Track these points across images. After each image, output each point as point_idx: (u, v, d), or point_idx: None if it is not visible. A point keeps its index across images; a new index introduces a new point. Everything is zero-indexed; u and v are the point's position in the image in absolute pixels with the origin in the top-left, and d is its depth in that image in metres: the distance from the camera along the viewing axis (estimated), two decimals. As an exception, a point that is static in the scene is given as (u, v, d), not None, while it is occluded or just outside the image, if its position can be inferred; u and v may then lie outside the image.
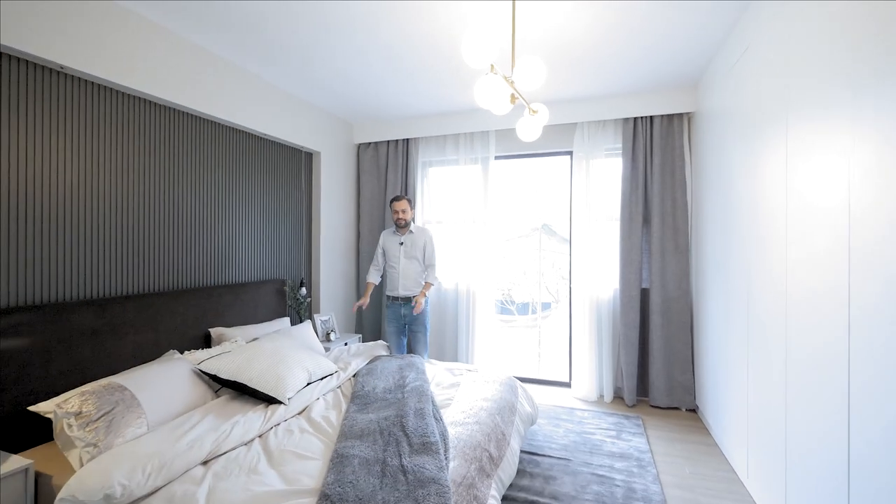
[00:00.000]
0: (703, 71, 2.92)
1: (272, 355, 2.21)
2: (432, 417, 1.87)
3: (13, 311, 1.75)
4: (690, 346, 3.23)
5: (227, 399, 2.04)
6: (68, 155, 2.00)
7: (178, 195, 2.54)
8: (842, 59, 1.35)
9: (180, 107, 2.48)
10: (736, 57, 2.30)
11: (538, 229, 6.09)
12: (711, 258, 2.77)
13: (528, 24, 2.29)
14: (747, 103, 2.16)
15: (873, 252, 1.20)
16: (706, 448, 2.66)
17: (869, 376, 1.22)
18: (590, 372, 3.48)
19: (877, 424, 1.19)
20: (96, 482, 1.33)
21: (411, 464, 1.50)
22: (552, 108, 3.55)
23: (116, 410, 1.66)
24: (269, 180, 3.27)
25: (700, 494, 2.17)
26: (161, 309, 2.33)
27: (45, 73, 1.91)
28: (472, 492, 1.50)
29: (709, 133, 2.84)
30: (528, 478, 2.29)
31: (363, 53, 2.66)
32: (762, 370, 1.96)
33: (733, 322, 2.37)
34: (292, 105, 3.34)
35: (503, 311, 6.80)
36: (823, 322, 1.46)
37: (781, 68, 1.78)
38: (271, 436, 1.80)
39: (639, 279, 3.37)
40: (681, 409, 3.26)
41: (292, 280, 3.46)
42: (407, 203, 3.23)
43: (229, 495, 1.35)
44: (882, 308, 1.17)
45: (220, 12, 2.18)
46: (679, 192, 3.28)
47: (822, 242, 1.48)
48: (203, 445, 1.58)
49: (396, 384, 2.28)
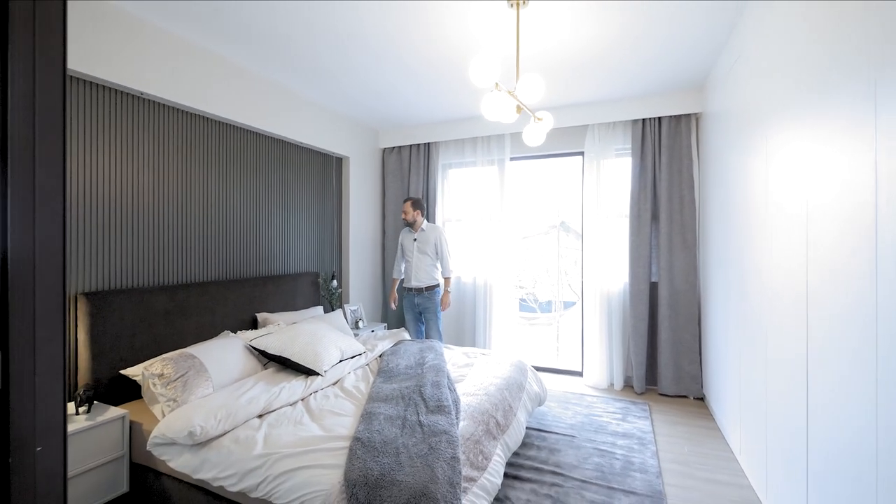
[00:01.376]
0: (708, 73, 3.07)
1: (311, 336, 2.56)
2: (447, 388, 2.17)
3: (106, 293, 2.16)
4: (698, 337, 3.39)
5: (273, 371, 2.40)
6: (142, 167, 2.41)
7: (229, 199, 2.94)
8: (810, 62, 1.54)
9: (230, 121, 2.87)
10: (733, 59, 2.46)
11: (556, 227, 6.27)
12: (714, 253, 2.94)
13: (537, 38, 2.53)
14: (739, 105, 2.33)
15: (828, 249, 1.40)
16: (707, 431, 2.83)
17: (822, 373, 1.43)
18: (601, 361, 3.69)
19: (830, 418, 1.40)
20: (181, 424, 1.69)
21: (427, 420, 1.79)
22: (564, 112, 3.78)
23: (189, 374, 2.04)
24: (305, 184, 3.65)
25: (695, 469, 2.36)
26: (216, 295, 2.72)
27: (127, 98, 2.32)
28: (478, 447, 1.79)
29: (713, 133, 3.00)
30: (535, 449, 2.55)
31: (386, 72, 2.98)
32: (750, 357, 2.15)
33: (730, 314, 2.54)
34: (324, 116, 3.70)
35: (525, 309, 7.00)
36: (789, 316, 1.66)
37: (765, 71, 1.96)
38: (311, 399, 2.14)
39: (648, 273, 3.55)
40: (689, 397, 3.42)
41: (325, 273, 3.84)
42: (409, 205, 3.58)
43: (281, 438, 1.69)
44: (830, 303, 1.38)
45: (272, 44, 2.54)
46: (686, 189, 3.43)
47: (787, 241, 1.67)
48: (258, 402, 1.93)
49: (417, 362, 2.59)
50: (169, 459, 1.73)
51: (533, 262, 6.87)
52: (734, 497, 2.09)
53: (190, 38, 2.51)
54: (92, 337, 2.07)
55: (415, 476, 1.42)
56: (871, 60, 1.14)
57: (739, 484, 2.19)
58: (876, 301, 1.11)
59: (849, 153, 1.25)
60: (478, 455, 1.75)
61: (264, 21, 2.33)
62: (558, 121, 3.79)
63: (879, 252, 1.10)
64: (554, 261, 6.66)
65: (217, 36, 2.49)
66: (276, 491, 1.48)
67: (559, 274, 6.59)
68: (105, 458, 1.85)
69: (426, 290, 3.58)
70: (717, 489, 2.15)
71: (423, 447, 1.59)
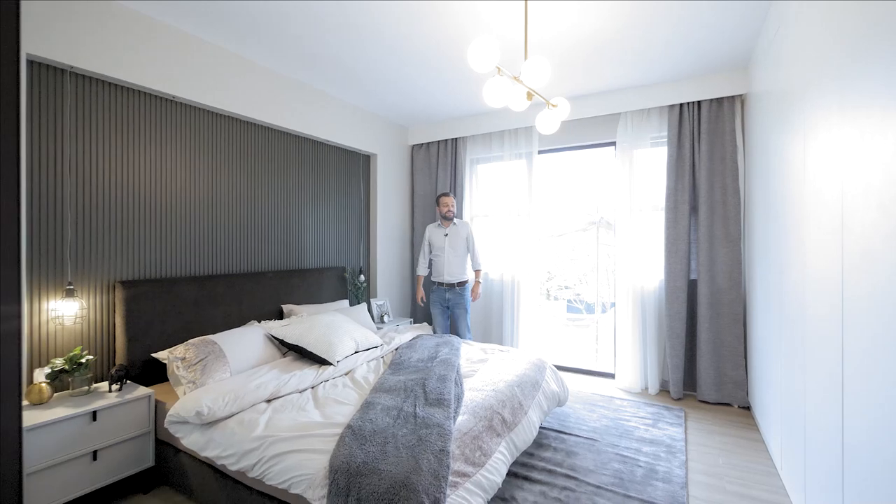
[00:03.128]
0: (752, 49, 2.79)
1: (327, 326, 2.63)
2: (452, 383, 2.13)
3: (139, 283, 2.34)
4: (743, 339, 3.09)
5: (290, 360, 2.49)
6: (175, 165, 2.59)
7: (256, 196, 3.09)
8: (847, 30, 1.35)
9: (260, 122, 3.01)
10: (774, 30, 2.21)
11: (595, 223, 5.99)
12: (757, 247, 2.66)
13: (552, 22, 2.43)
14: (781, 81, 2.09)
15: (867, 239, 1.21)
16: (749, 443, 2.57)
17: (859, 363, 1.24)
18: (633, 363, 3.47)
19: (854, 395, 1.21)
20: (191, 405, 1.80)
21: (423, 412, 1.77)
22: (593, 100, 3.60)
23: (209, 359, 2.16)
24: (332, 180, 3.76)
25: (727, 482, 2.15)
26: (244, 287, 2.87)
27: (160, 102, 2.50)
28: (476, 442, 1.73)
29: (757, 116, 2.72)
30: (550, 451, 2.44)
31: (409, 68, 2.99)
32: (789, 359, 1.92)
33: (771, 312, 2.29)
34: (352, 114, 3.79)
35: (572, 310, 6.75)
36: (824, 322, 1.45)
37: (802, 41, 1.74)
38: (320, 388, 2.19)
39: (686, 270, 3.29)
40: (732, 405, 3.13)
41: (352, 267, 3.93)
42: (451, 198, 3.63)
43: (282, 422, 1.74)
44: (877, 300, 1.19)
45: (298, 45, 2.64)
46: (730, 178, 3.14)
47: (819, 230, 1.47)
48: (267, 388, 2.01)
49: (429, 356, 2.57)
50: (182, 437, 1.84)
51: (576, 262, 6.61)
52: (769, 515, 1.88)
53: (225, 46, 2.66)
54: (127, 322, 2.25)
55: (398, 466, 1.40)
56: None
57: (777, 502, 1.96)
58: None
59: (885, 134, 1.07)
60: (475, 451, 1.70)
61: (287, 22, 2.42)
62: (588, 110, 3.61)
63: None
64: (594, 259, 6.38)
65: (247, 41, 2.62)
66: (269, 472, 1.53)
67: (597, 272, 6.30)
68: (133, 433, 2.01)
69: (458, 285, 3.58)
70: None
71: (412, 438, 1.57)
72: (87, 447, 1.85)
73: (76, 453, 1.81)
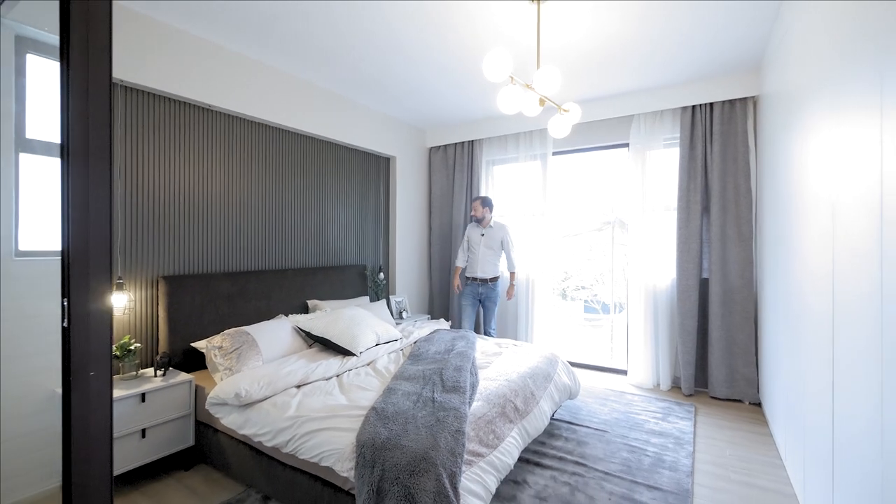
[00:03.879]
0: (764, 51, 2.84)
1: (350, 320, 2.80)
2: (468, 373, 2.26)
3: (181, 277, 2.54)
4: (754, 337, 3.13)
5: (316, 350, 2.66)
6: (211, 170, 2.79)
7: (285, 196, 3.28)
8: (837, 38, 1.43)
9: (287, 127, 3.21)
10: (783, 32, 2.27)
11: (611, 223, 6.03)
12: (767, 247, 2.72)
13: (563, 30, 2.54)
14: (787, 84, 2.16)
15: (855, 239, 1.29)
16: (757, 437, 2.62)
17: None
18: (646, 360, 3.54)
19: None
20: (230, 388, 1.98)
21: (441, 397, 1.91)
22: (606, 103, 3.68)
23: (243, 348, 2.34)
24: (354, 182, 3.93)
25: (732, 472, 2.23)
26: (273, 283, 3.06)
27: (198, 111, 2.71)
28: (490, 426, 1.86)
29: (768, 117, 2.77)
30: (562, 440, 2.55)
31: (428, 75, 3.14)
32: (794, 357, 1.99)
33: (779, 312, 2.35)
34: (373, 118, 3.96)
35: (589, 311, 6.81)
36: (816, 309, 1.54)
37: (805, 47, 1.81)
38: (345, 376, 2.35)
39: (698, 268, 3.35)
40: (743, 401, 3.18)
41: (372, 265, 4.10)
42: (479, 203, 3.80)
43: (311, 405, 1.91)
44: (855, 299, 1.28)
45: (327, 59, 2.82)
46: (742, 178, 3.19)
47: (817, 231, 1.55)
48: (296, 375, 2.18)
49: (446, 349, 2.71)
50: (221, 417, 2.02)
51: (592, 262, 6.65)
52: (771, 500, 1.95)
53: (253, 56, 2.86)
54: (169, 314, 2.46)
55: (418, 443, 1.55)
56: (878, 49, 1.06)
57: (781, 492, 2.04)
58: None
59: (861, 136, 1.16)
60: (489, 434, 1.83)
61: (320, 37, 2.59)
62: (601, 112, 3.70)
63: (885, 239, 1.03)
64: (609, 259, 6.41)
65: (274, 51, 2.81)
66: (302, 447, 1.69)
67: (612, 272, 6.33)
68: (176, 414, 2.20)
69: (490, 280, 3.79)
70: (752, 493, 2.02)
71: (430, 419, 1.71)
72: (138, 425, 2.05)
73: (128, 430, 2.02)
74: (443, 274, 4.72)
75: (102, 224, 0.93)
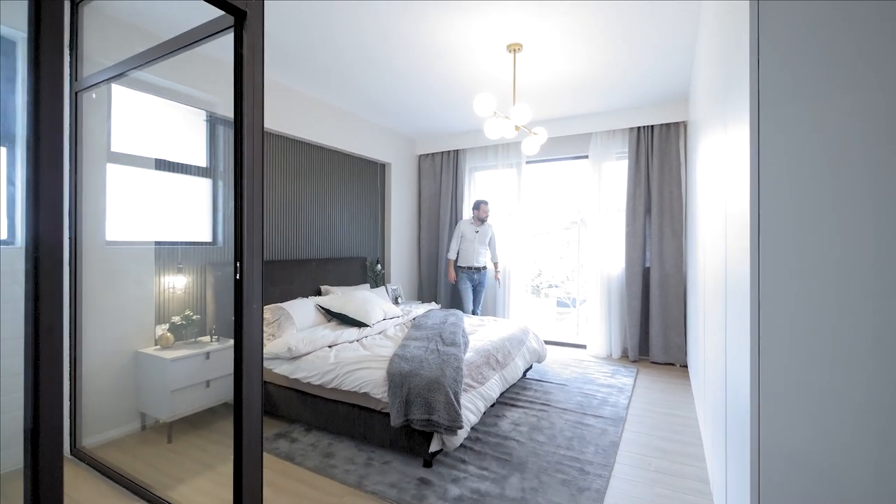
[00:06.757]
0: (689, 88, 3.64)
1: (363, 300, 3.43)
2: (460, 335, 2.94)
3: (222, 265, 3.11)
4: (684, 313, 3.94)
5: (335, 324, 3.28)
6: (247, 174, 3.36)
7: (303, 197, 3.87)
8: (710, 86, 2.18)
9: (306, 140, 3.80)
10: (695, 76, 3.05)
11: (577, 223, 6.83)
12: (690, 241, 3.51)
13: (537, 70, 3.24)
14: (696, 115, 2.93)
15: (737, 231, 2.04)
16: (681, 388, 3.41)
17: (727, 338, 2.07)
18: (601, 334, 4.31)
19: (705, 322, 2.04)
20: (282, 345, 2.59)
21: (443, 349, 2.58)
22: (571, 122, 4.43)
23: (282, 319, 2.94)
24: (356, 185, 4.54)
25: (657, 406, 2.99)
26: (292, 270, 3.65)
27: (237, 127, 3.28)
28: (479, 370, 2.55)
29: (691, 138, 3.57)
30: (532, 391, 3.27)
31: (420, 96, 3.79)
32: (703, 329, 2.76)
33: (697, 292, 3.13)
34: (371, 129, 4.58)
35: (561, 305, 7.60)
36: (714, 289, 2.29)
37: (700, 86, 2.58)
38: (364, 340, 2.99)
39: (642, 259, 4.14)
40: (676, 364, 3.99)
41: (371, 258, 4.72)
42: (486, 206, 4.52)
43: (346, 356, 2.54)
44: (719, 286, 2.02)
45: (337, 82, 3.43)
46: (675, 187, 3.99)
47: (708, 230, 2.30)
48: (328, 338, 2.81)
49: (441, 321, 3.38)
50: (274, 368, 2.62)
51: (564, 259, 7.41)
52: (680, 423, 2.72)
53: (285, 83, 3.45)
54: (215, 292, 3.02)
55: (431, 372, 2.21)
56: (727, 97, 1.79)
57: (690, 416, 2.81)
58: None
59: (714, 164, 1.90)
60: (478, 375, 2.51)
61: (335, 66, 3.20)
62: (566, 129, 4.45)
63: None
64: (576, 254, 7.20)
65: (300, 78, 3.41)
66: (344, 382, 2.33)
67: (580, 267, 7.13)
68: (228, 371, 2.78)
69: (483, 269, 4.53)
70: (668, 419, 2.78)
71: (438, 360, 2.37)
72: (203, 378, 2.62)
73: (196, 381, 2.59)
74: (430, 266, 5.38)
75: (256, 219, 1.55)
